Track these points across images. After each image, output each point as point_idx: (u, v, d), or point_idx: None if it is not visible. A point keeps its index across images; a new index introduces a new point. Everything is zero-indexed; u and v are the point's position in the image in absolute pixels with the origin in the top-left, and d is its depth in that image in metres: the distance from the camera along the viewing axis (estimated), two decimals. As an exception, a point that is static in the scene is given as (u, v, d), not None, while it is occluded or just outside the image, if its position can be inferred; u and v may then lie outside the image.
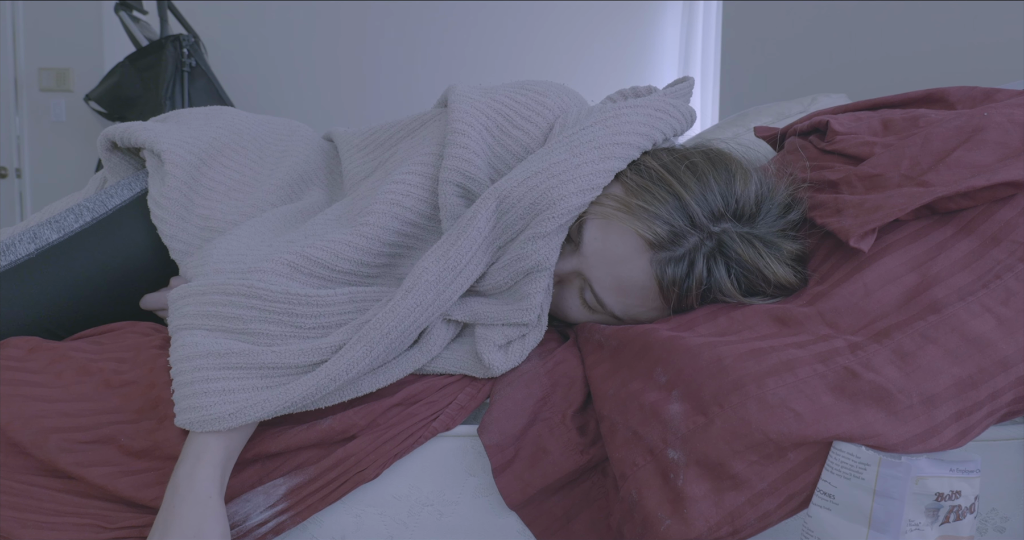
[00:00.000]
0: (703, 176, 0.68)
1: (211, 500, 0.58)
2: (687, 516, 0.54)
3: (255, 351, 0.63)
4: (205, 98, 2.62)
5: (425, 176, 0.74)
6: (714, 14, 2.87)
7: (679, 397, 0.58)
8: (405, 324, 0.63)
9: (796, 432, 0.53)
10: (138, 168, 0.94)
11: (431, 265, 0.65)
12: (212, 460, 0.60)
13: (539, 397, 0.66)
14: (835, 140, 0.81)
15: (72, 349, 0.71)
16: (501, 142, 0.74)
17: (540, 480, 0.62)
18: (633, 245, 0.67)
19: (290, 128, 0.98)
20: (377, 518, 0.65)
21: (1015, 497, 0.64)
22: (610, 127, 0.70)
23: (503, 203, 0.67)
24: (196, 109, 0.94)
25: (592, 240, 0.69)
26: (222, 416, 0.60)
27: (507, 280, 0.69)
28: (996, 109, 0.70)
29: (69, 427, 0.63)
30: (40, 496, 0.62)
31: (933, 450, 0.53)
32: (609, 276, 0.69)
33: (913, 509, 0.51)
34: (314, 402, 0.63)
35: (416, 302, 0.64)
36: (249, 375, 0.63)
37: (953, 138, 0.69)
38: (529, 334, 0.70)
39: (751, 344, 0.59)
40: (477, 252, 0.67)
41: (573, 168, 0.66)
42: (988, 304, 0.58)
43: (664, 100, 0.76)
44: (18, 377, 0.66)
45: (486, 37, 3.19)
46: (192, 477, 0.58)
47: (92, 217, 0.82)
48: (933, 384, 0.54)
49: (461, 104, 0.75)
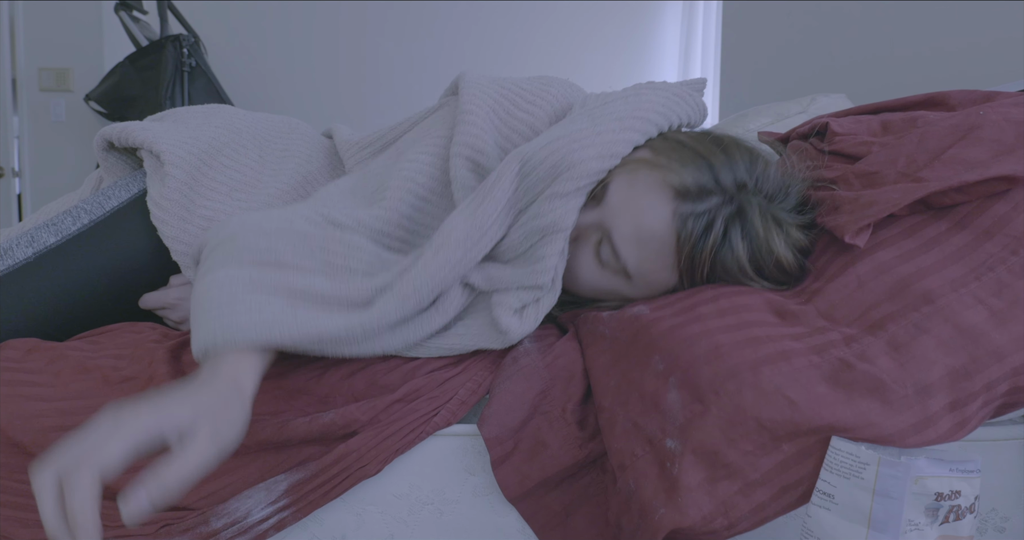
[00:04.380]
0: (729, 149, 0.71)
1: (244, 392, 0.54)
2: (681, 505, 0.54)
3: (289, 276, 0.63)
4: (205, 98, 2.62)
5: (436, 156, 0.76)
6: (714, 14, 2.88)
7: (676, 384, 0.58)
8: (436, 280, 0.64)
9: (790, 420, 0.54)
10: (135, 168, 0.94)
11: (460, 224, 0.66)
12: (250, 369, 0.56)
13: (538, 391, 0.67)
14: (834, 141, 0.81)
15: (70, 348, 0.71)
16: (507, 123, 0.78)
17: (538, 473, 0.63)
18: (658, 193, 0.68)
19: (289, 126, 0.98)
20: (378, 517, 0.66)
21: (1015, 497, 0.64)
22: (631, 103, 0.73)
23: (526, 166, 0.68)
24: (193, 108, 0.94)
25: (618, 190, 0.70)
26: (251, 326, 0.57)
27: (523, 240, 0.69)
28: (992, 108, 0.71)
29: (68, 426, 0.63)
30: (40, 495, 0.62)
31: (929, 441, 0.54)
32: (630, 224, 0.69)
33: (913, 509, 0.51)
34: (337, 346, 0.63)
35: (446, 259, 0.65)
36: (280, 295, 0.62)
37: (949, 136, 0.69)
38: (543, 298, 0.70)
39: (748, 332, 0.60)
40: (501, 213, 0.68)
41: (594, 135, 0.68)
42: (980, 296, 0.59)
43: (682, 88, 0.79)
44: (17, 377, 0.67)
45: (486, 37, 3.19)
46: (225, 371, 0.55)
47: (90, 219, 0.82)
48: (927, 374, 0.55)
49: (471, 89, 0.79)
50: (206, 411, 0.50)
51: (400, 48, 3.17)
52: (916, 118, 0.77)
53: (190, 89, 2.58)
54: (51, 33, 2.99)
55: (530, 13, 3.19)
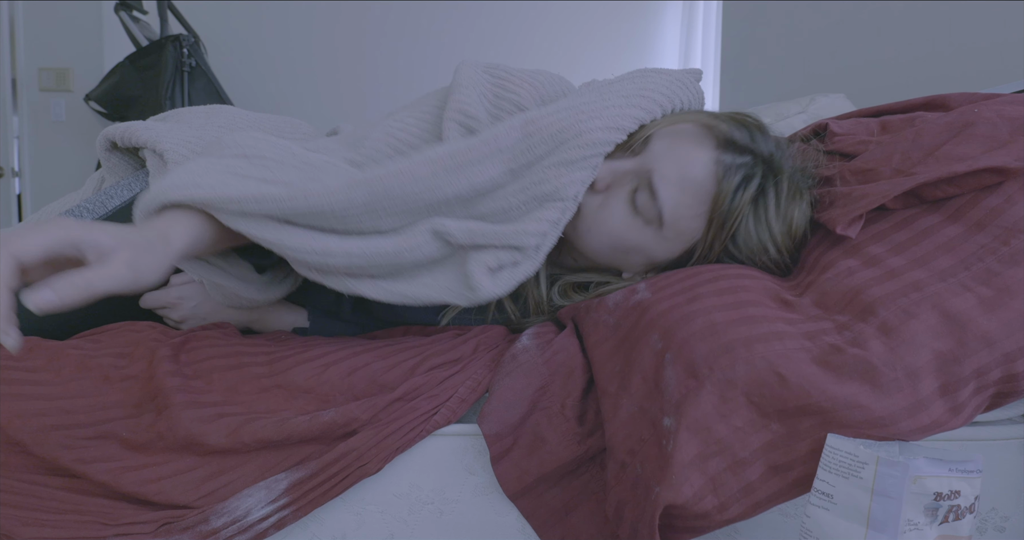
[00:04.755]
0: (758, 125, 0.76)
1: (170, 247, 0.56)
2: (675, 482, 0.54)
3: (258, 165, 0.63)
4: (205, 98, 2.62)
5: (425, 121, 0.75)
6: (714, 14, 2.87)
7: (672, 360, 0.59)
8: (398, 182, 0.63)
9: (778, 396, 0.55)
10: (137, 168, 0.94)
11: (437, 148, 0.66)
12: (183, 230, 0.58)
13: (538, 387, 0.67)
14: (833, 141, 0.83)
15: (70, 347, 0.71)
16: (496, 104, 0.77)
17: (537, 468, 0.63)
18: (703, 140, 0.72)
19: (292, 126, 0.98)
20: (378, 516, 0.66)
21: (1015, 497, 0.64)
22: (636, 83, 0.75)
23: (529, 126, 0.68)
24: (196, 108, 0.94)
25: (662, 138, 0.72)
26: (184, 184, 0.59)
27: (519, 205, 0.68)
28: (987, 106, 0.71)
29: (69, 424, 0.63)
30: (41, 494, 0.62)
31: (924, 426, 0.54)
32: (674, 166, 0.71)
33: (911, 508, 0.51)
34: (281, 235, 0.62)
35: (408, 167, 0.63)
36: (238, 174, 0.62)
37: (943, 133, 0.70)
38: (522, 263, 0.68)
39: (744, 311, 0.61)
40: (491, 156, 0.66)
41: (601, 108, 0.70)
42: (969, 284, 0.59)
43: (683, 74, 0.80)
44: (17, 375, 0.67)
45: (486, 37, 3.19)
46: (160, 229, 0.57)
47: (92, 218, 0.82)
48: (915, 357, 0.55)
49: (463, 72, 0.79)
50: (128, 244, 0.51)
51: (400, 49, 3.17)
52: (914, 118, 0.78)
53: (190, 89, 2.58)
54: (51, 33, 2.98)
55: (530, 13, 3.19)
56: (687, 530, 0.57)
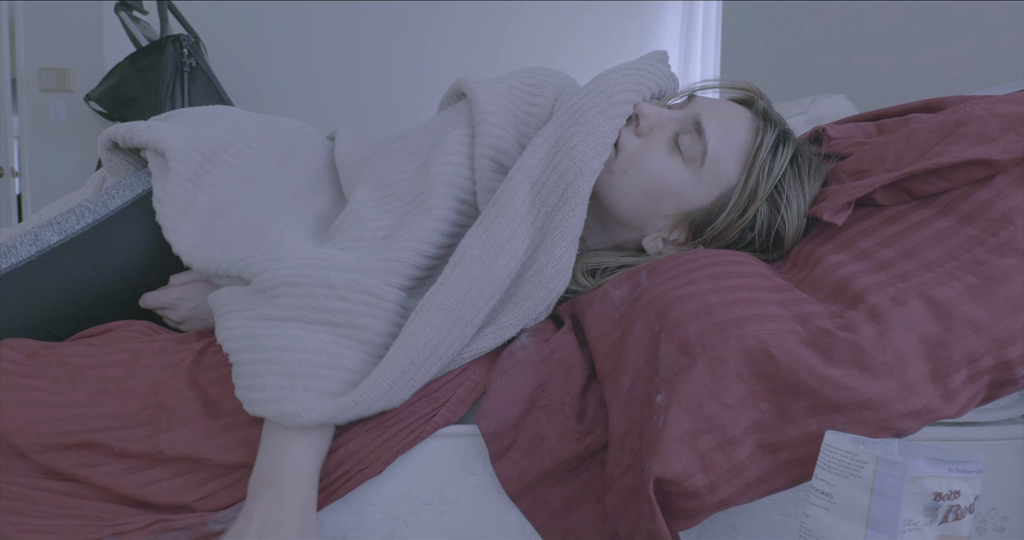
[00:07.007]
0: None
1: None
2: (664, 456, 0.55)
3: (358, 356, 0.66)
4: (205, 98, 2.62)
5: (465, 155, 0.79)
6: (714, 14, 2.87)
7: (666, 340, 0.60)
8: (458, 295, 0.66)
9: (767, 374, 0.56)
10: (138, 168, 0.94)
11: (474, 241, 0.69)
12: (309, 478, 0.62)
13: (536, 384, 0.67)
14: (830, 144, 0.85)
15: (70, 355, 0.71)
16: (523, 120, 0.82)
17: (537, 466, 0.63)
18: (739, 107, 0.79)
19: (293, 127, 0.98)
20: (378, 517, 0.66)
21: (1015, 497, 0.64)
22: (603, 92, 0.77)
23: (535, 185, 0.72)
24: (198, 108, 0.94)
25: (703, 99, 0.80)
26: (319, 411, 0.61)
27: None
28: (979, 104, 0.72)
29: (65, 432, 0.63)
30: (38, 499, 0.62)
31: (917, 410, 0.55)
32: (719, 114, 0.77)
33: (911, 508, 0.51)
34: (401, 386, 0.64)
35: (463, 274, 0.67)
36: (347, 378, 0.65)
37: (935, 133, 0.71)
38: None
39: (739, 294, 0.62)
40: (518, 229, 0.70)
41: (585, 135, 0.73)
42: (956, 273, 0.60)
43: (642, 62, 0.84)
44: (16, 381, 0.67)
45: (485, 37, 3.19)
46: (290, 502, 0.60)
47: (93, 218, 0.82)
48: (903, 341, 0.57)
49: (483, 91, 0.82)
50: None
51: (399, 49, 3.17)
52: (909, 119, 0.79)
53: (190, 89, 2.58)
54: (51, 33, 2.98)
55: (530, 13, 3.19)
56: (681, 514, 0.57)
